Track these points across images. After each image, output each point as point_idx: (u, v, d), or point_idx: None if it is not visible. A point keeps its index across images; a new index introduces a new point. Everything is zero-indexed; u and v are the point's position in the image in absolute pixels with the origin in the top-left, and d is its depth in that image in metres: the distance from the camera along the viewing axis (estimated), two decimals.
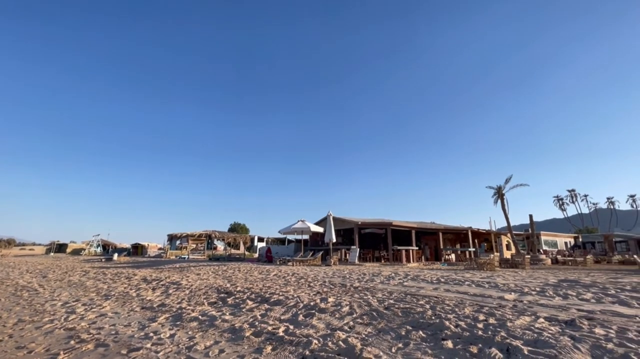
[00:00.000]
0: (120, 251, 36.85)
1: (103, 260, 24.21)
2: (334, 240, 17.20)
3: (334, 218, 18.60)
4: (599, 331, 3.35)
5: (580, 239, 32.90)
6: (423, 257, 21.47)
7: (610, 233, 29.35)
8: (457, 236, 25.52)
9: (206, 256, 26.60)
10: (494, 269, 13.26)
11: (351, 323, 4.00)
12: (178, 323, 4.37)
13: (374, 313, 4.38)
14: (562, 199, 46.00)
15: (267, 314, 4.64)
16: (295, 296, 5.82)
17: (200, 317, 4.55)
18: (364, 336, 3.47)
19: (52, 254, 42.45)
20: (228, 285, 7.54)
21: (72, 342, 3.66)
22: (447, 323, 3.73)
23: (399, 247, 18.86)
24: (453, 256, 22.45)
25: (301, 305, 5.04)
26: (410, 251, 19.18)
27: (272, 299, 5.56)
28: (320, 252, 17.98)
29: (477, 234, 24.65)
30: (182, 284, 7.95)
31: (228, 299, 5.77)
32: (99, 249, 42.67)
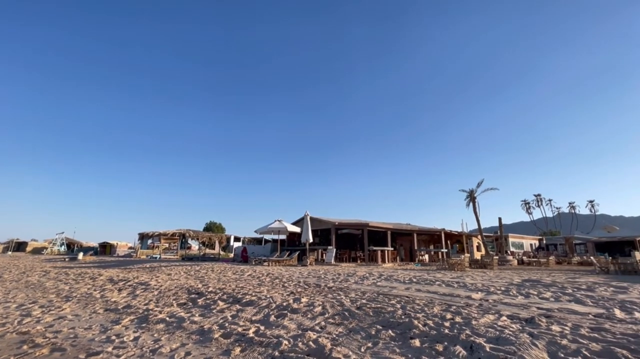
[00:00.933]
0: (87, 250, 35.04)
1: (66, 259, 22.90)
2: (311, 240, 17.20)
3: (311, 218, 18.60)
4: (555, 328, 3.54)
5: (544, 242, 34.81)
6: (398, 258, 21.92)
7: (571, 236, 31.22)
8: (431, 237, 26.25)
9: (179, 256, 25.82)
10: (464, 269, 13.75)
11: (323, 323, 4.00)
12: (144, 325, 4.19)
13: (346, 313, 4.40)
14: (528, 203, 48.37)
15: (238, 315, 4.55)
16: (268, 296, 5.75)
17: (167, 319, 4.40)
18: (334, 336, 3.48)
19: (9, 253, 39.67)
20: (200, 286, 7.34)
21: (25, 347, 3.42)
22: (416, 322, 3.81)
23: (375, 248, 19.14)
24: (427, 256, 23.06)
25: (274, 305, 4.99)
26: (386, 251, 19.52)
27: (245, 300, 5.47)
28: (297, 253, 17.92)
29: (449, 235, 25.46)
30: (151, 284, 7.66)
31: (199, 300, 5.62)
32: (62, 248, 40.34)
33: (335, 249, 18.53)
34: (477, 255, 24.68)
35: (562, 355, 2.71)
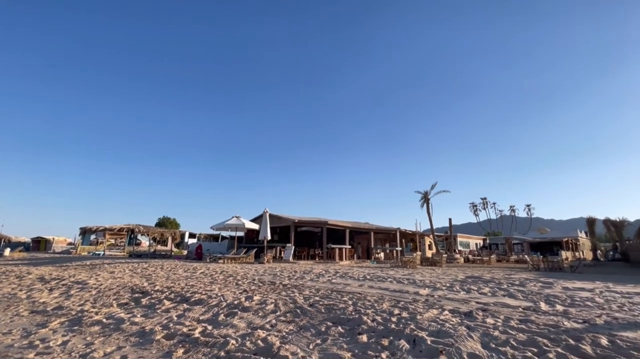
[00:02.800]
0: (16, 245, 31.33)
1: None
2: (269, 237, 16.99)
3: (270, 215, 18.35)
4: (489, 320, 3.83)
5: (488, 241, 37.88)
6: (355, 256, 22.45)
7: (510, 236, 34.26)
8: (387, 236, 27.25)
9: (126, 253, 24.09)
10: (416, 267, 14.45)
11: (274, 321, 3.95)
12: (76, 327, 3.83)
13: (298, 310, 4.39)
14: (476, 205, 52.10)
15: (184, 314, 4.34)
16: (219, 294, 5.56)
17: (104, 320, 4.06)
18: (284, 333, 3.45)
19: None
20: (145, 284, 6.89)
21: None
22: (365, 318, 3.91)
23: (333, 246, 19.41)
24: (382, 254, 23.88)
25: (224, 304, 4.83)
26: (344, 249, 19.88)
27: (193, 299, 5.23)
28: (254, 250, 17.60)
29: (404, 234, 26.61)
30: (89, 283, 7.04)
31: (142, 300, 5.27)
32: None
33: (293, 247, 18.48)
34: (429, 253, 26.09)
35: (493, 345, 2.94)
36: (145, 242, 32.78)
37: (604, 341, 3.01)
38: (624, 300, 5.48)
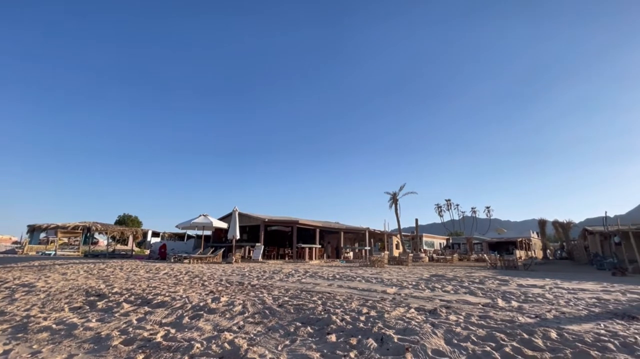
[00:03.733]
0: None
1: None
2: (238, 237, 16.62)
3: (240, 214, 17.96)
4: (452, 317, 4.00)
5: (451, 241, 39.72)
6: (325, 255, 22.59)
7: (471, 236, 36.18)
8: (357, 236, 27.70)
9: (81, 253, 22.48)
10: (383, 266, 14.81)
11: (241, 323, 3.85)
12: (20, 335, 3.49)
13: (267, 311, 4.32)
14: (441, 207, 54.57)
15: (146, 318, 4.11)
16: (184, 296, 5.34)
17: (54, 326, 3.74)
18: (252, 335, 3.37)
19: None
20: (102, 286, 6.46)
21: None
22: (334, 317, 3.92)
23: (303, 245, 19.39)
24: (351, 254, 24.24)
25: (189, 306, 4.64)
26: (314, 248, 19.93)
27: (156, 301, 4.98)
28: (222, 249, 17.14)
29: (373, 234, 27.18)
30: (37, 286, 6.47)
31: (99, 303, 4.93)
32: None
33: (263, 246, 18.23)
34: (396, 253, 26.87)
35: (456, 341, 3.07)
36: (103, 241, 30.78)
37: (553, 334, 3.25)
38: (570, 296, 5.97)
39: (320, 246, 21.39)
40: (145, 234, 30.81)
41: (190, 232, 28.72)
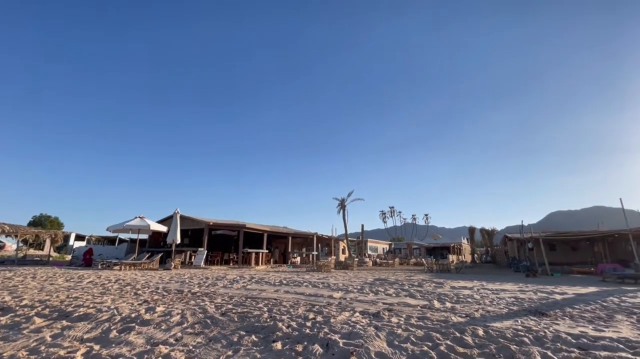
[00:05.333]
0: None
1: None
2: (179, 241, 15.56)
3: (182, 217, 16.88)
4: (394, 319, 4.18)
5: (393, 246, 41.92)
6: (272, 260, 22.21)
7: (411, 242, 38.60)
8: (305, 240, 27.76)
9: None
10: (330, 270, 15.02)
11: (179, 334, 3.57)
12: None
13: (208, 321, 4.08)
14: (385, 213, 57.38)
15: (63, 333, 3.59)
16: (112, 307, 4.80)
17: None
18: (191, 347, 3.14)
19: None
20: (7, 298, 5.52)
21: None
22: (280, 324, 3.84)
23: (250, 250, 18.85)
24: (299, 258, 24.20)
25: (118, 318, 4.18)
26: (260, 253, 19.48)
27: (77, 314, 4.40)
28: (160, 255, 15.88)
29: (321, 239, 27.49)
30: None
31: (1, 319, 4.19)
32: None
33: (206, 251, 17.31)
34: (342, 257, 27.48)
35: (397, 343, 3.20)
36: (11, 245, 26.51)
37: (480, 331, 3.57)
38: (493, 296, 6.64)
39: (267, 251, 20.99)
40: (66, 238, 27.29)
41: (123, 236, 26.19)
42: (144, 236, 21.02)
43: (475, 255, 34.02)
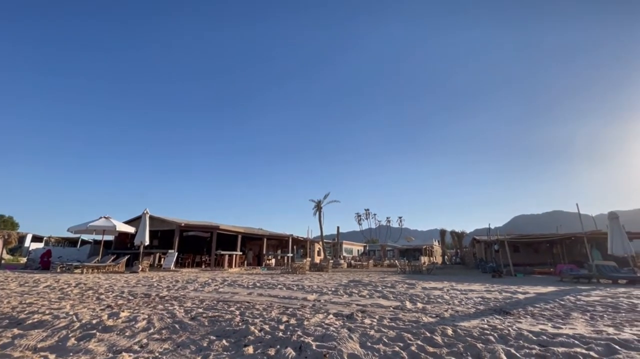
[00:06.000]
0: None
1: None
2: (147, 242, 14.90)
3: (152, 218, 16.20)
4: (367, 321, 4.22)
5: (367, 248, 42.55)
6: (246, 262, 21.80)
7: (385, 244, 39.30)
8: (280, 242, 27.50)
9: None
10: (305, 272, 14.97)
11: (145, 340, 3.40)
12: None
13: (177, 325, 3.92)
14: (360, 215, 58.10)
15: (14, 342, 3.31)
16: (71, 313, 4.50)
17: None
18: (157, 354, 3.00)
19: None
20: None
21: None
22: (252, 328, 3.76)
23: (223, 252, 18.40)
24: (273, 260, 23.93)
25: (77, 325, 3.92)
26: (234, 255, 19.07)
27: (31, 321, 4.07)
28: (126, 257, 15.13)
29: (296, 241, 27.34)
30: None
31: None
32: None
33: (177, 253, 16.70)
34: (317, 259, 27.49)
35: (369, 344, 3.23)
36: None
37: (449, 331, 3.67)
38: (462, 296, 6.89)
39: (241, 253, 20.58)
40: (22, 239, 25.39)
41: (87, 237, 24.75)
42: (110, 238, 19.97)
43: (446, 257, 35.22)
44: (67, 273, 12.28)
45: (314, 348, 3.08)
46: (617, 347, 3.08)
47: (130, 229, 16.06)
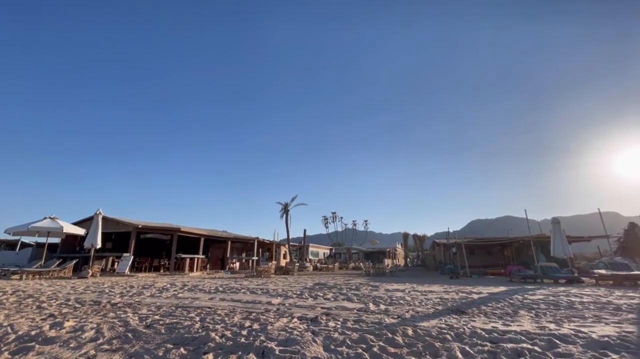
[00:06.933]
0: None
1: None
2: (99, 245, 13.85)
3: (105, 219, 15.11)
4: (331, 324, 4.23)
5: (334, 251, 42.92)
6: (208, 266, 21.03)
7: (350, 247, 39.92)
8: (245, 245, 26.87)
9: None
10: (270, 276, 14.75)
11: (92, 352, 3.14)
12: None
13: (130, 334, 3.66)
14: (327, 218, 58.54)
15: None
16: (5, 324, 4.04)
17: None
18: None
19: None
20: None
21: None
22: (213, 334, 3.62)
23: (184, 256, 17.61)
24: (238, 264, 23.32)
25: (12, 337, 3.53)
26: (196, 259, 18.33)
27: None
28: (75, 261, 13.95)
29: (262, 244, 26.89)
30: None
31: None
32: None
33: (132, 257, 15.70)
34: (283, 262, 27.22)
35: (333, 347, 3.24)
36: None
37: (410, 331, 3.79)
38: (422, 297, 7.16)
39: (203, 256, 19.82)
40: None
41: (28, 239, 22.51)
42: (56, 240, 18.30)
43: (408, 259, 36.53)
44: (3, 279, 11.05)
45: (277, 353, 3.03)
46: (557, 341, 3.36)
47: (80, 231, 14.84)
